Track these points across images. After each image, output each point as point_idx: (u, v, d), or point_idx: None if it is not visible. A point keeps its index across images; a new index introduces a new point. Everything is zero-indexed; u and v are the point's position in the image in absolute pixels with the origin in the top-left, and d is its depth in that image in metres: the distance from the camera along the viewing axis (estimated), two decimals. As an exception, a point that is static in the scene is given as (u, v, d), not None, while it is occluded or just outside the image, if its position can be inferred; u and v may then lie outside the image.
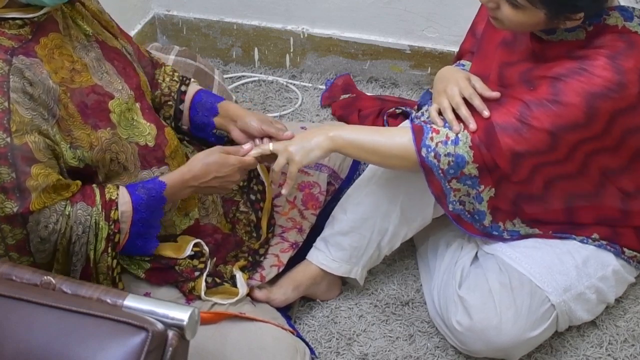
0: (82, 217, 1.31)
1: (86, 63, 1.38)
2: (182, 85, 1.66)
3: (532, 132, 1.42)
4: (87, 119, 1.34)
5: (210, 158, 1.46)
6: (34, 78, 1.25)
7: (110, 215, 1.34)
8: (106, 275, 1.37)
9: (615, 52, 1.38)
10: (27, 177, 1.22)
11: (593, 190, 1.55)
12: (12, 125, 1.20)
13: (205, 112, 1.63)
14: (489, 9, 1.43)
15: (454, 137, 1.46)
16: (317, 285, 1.73)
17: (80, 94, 1.34)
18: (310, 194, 1.76)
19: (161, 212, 1.43)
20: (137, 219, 1.38)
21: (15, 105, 1.21)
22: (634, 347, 1.68)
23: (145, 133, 1.44)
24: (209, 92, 1.70)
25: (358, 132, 1.57)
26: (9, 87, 1.21)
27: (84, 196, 1.32)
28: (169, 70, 1.68)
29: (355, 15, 2.42)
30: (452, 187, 1.51)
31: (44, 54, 1.29)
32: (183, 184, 1.43)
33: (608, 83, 1.37)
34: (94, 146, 1.34)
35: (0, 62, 1.21)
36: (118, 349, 0.90)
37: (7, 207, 1.22)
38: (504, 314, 1.54)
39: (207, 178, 1.45)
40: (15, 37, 1.26)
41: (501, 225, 1.61)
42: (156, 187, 1.39)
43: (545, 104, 1.40)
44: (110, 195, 1.35)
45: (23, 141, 1.22)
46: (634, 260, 1.65)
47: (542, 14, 1.37)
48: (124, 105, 1.41)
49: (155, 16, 2.59)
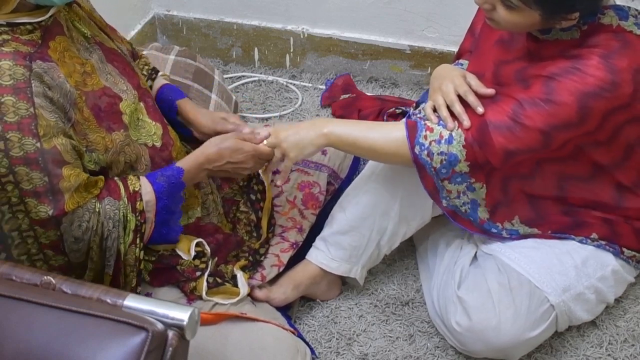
0: (110, 212, 1.32)
1: (93, 64, 1.38)
2: (148, 79, 1.66)
3: (524, 131, 1.42)
4: (101, 122, 1.34)
5: (225, 143, 1.47)
6: (52, 82, 1.25)
7: (136, 206, 1.35)
8: (133, 267, 1.38)
9: (609, 51, 1.38)
10: (59, 179, 1.23)
11: (585, 175, 1.56)
12: (40, 129, 1.20)
13: (167, 109, 1.63)
14: (485, 10, 1.43)
15: (448, 136, 1.47)
16: (317, 284, 1.73)
17: (94, 97, 1.34)
18: (310, 193, 1.76)
19: (181, 197, 1.44)
20: (161, 207, 1.39)
21: (40, 110, 1.21)
22: (634, 347, 1.68)
23: (151, 133, 1.44)
24: (172, 87, 1.68)
25: (352, 128, 1.56)
26: (32, 92, 1.21)
27: (109, 191, 1.33)
28: (142, 62, 1.67)
29: (355, 15, 2.42)
30: (444, 186, 1.52)
31: (57, 58, 1.29)
32: (198, 167, 1.45)
33: (601, 82, 1.37)
34: (109, 149, 1.35)
35: (22, 68, 1.21)
36: (118, 349, 0.90)
37: (42, 211, 1.23)
38: (503, 314, 1.54)
39: (221, 162, 1.46)
40: (29, 42, 1.25)
41: (499, 225, 1.61)
42: (175, 173, 1.41)
43: (538, 103, 1.41)
44: (134, 186, 1.36)
45: (52, 145, 1.22)
46: (633, 260, 1.65)
47: (537, 14, 1.37)
48: (132, 105, 1.41)
49: (155, 16, 2.59)
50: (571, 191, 1.59)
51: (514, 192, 1.58)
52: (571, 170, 1.55)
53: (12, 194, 1.20)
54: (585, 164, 1.54)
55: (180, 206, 1.47)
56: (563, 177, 1.57)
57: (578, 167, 1.55)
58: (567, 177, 1.57)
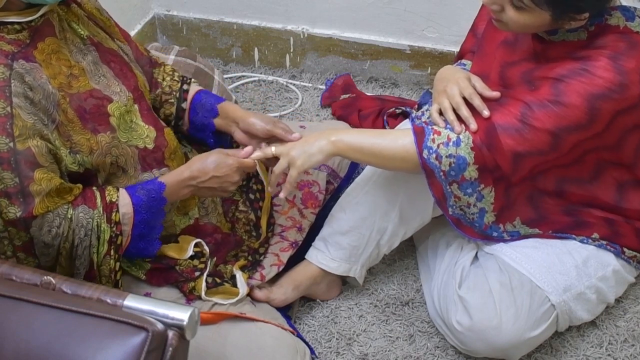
0: (83, 220, 1.31)
1: (84, 67, 1.37)
2: (183, 84, 1.66)
3: (533, 133, 1.42)
4: (86, 124, 1.33)
5: (209, 158, 1.46)
6: (34, 83, 1.24)
7: (112, 217, 1.34)
8: (108, 278, 1.37)
9: (617, 52, 1.38)
10: (30, 181, 1.22)
11: (587, 177, 1.56)
12: (15, 129, 1.20)
13: (205, 114, 1.63)
14: (493, 11, 1.43)
15: (456, 138, 1.46)
16: (317, 285, 1.73)
17: (79, 99, 1.33)
18: (310, 192, 1.76)
19: (162, 212, 1.43)
20: (139, 220, 1.38)
21: (18, 110, 1.21)
22: (634, 347, 1.68)
23: (143, 136, 1.44)
24: (209, 92, 1.69)
25: (359, 136, 1.56)
26: (11, 92, 1.20)
27: (85, 199, 1.32)
28: (169, 69, 1.67)
29: (355, 15, 2.42)
30: (452, 191, 1.51)
31: (42, 59, 1.28)
32: (181, 183, 1.43)
33: (609, 84, 1.37)
34: (94, 151, 1.34)
35: (2, 67, 1.21)
36: (118, 349, 0.89)
37: (11, 212, 1.22)
38: (504, 314, 1.54)
39: (205, 177, 1.44)
40: (15, 41, 1.25)
41: (501, 226, 1.61)
42: (156, 187, 1.39)
43: (546, 104, 1.40)
44: (111, 197, 1.35)
45: (26, 146, 1.21)
46: (634, 260, 1.65)
47: (547, 14, 1.36)
48: (123, 108, 1.40)
49: (155, 16, 2.59)
50: (571, 192, 1.58)
51: (515, 193, 1.57)
52: (573, 173, 1.55)
53: None
54: (587, 167, 1.54)
55: (162, 221, 1.44)
56: (563, 180, 1.56)
57: (581, 170, 1.54)
58: (567, 180, 1.56)
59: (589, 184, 1.57)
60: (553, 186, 1.58)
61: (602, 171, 1.55)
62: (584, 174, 1.55)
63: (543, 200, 1.60)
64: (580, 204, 1.60)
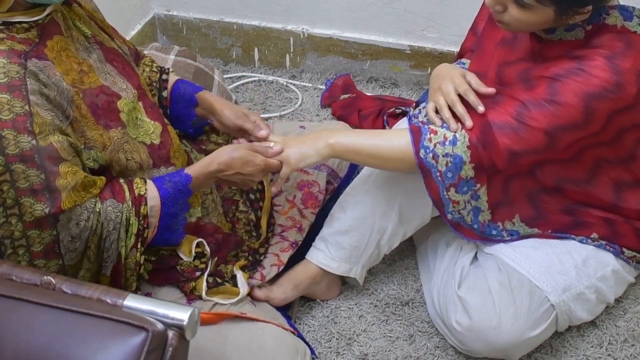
0: (112, 213, 1.31)
1: (91, 64, 1.38)
2: (162, 74, 1.67)
3: (529, 132, 1.42)
4: (99, 120, 1.34)
5: (236, 153, 1.46)
6: (48, 80, 1.24)
7: (140, 210, 1.34)
8: (133, 271, 1.38)
9: (613, 52, 1.38)
10: (56, 176, 1.23)
11: (584, 177, 1.56)
12: (35, 127, 1.20)
13: (185, 103, 1.64)
14: (495, 12, 1.42)
15: (452, 137, 1.47)
16: (317, 284, 1.73)
17: (91, 95, 1.34)
18: (310, 192, 1.76)
19: (187, 204, 1.44)
20: (165, 213, 1.39)
21: (36, 108, 1.21)
22: (634, 347, 1.68)
23: (149, 132, 1.44)
24: (186, 81, 1.70)
25: (357, 137, 1.57)
26: (27, 90, 1.21)
27: (113, 193, 1.33)
28: (148, 60, 1.69)
29: (355, 15, 2.42)
30: (450, 197, 1.52)
31: (54, 57, 1.29)
32: (208, 175, 1.44)
33: (605, 84, 1.37)
34: (106, 146, 1.34)
35: (16, 66, 1.21)
36: (118, 349, 0.89)
37: (37, 209, 1.22)
38: (504, 314, 1.54)
39: (230, 172, 1.45)
40: (25, 40, 1.26)
41: (500, 225, 1.61)
42: (182, 180, 1.40)
43: (542, 104, 1.41)
44: (139, 190, 1.35)
45: (48, 142, 1.22)
46: (633, 261, 1.65)
47: (551, 10, 1.36)
48: (131, 104, 1.41)
49: (155, 16, 2.59)
50: (569, 190, 1.59)
51: (514, 191, 1.58)
52: (570, 173, 1.55)
53: (7, 195, 1.20)
54: (585, 167, 1.54)
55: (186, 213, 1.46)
56: (562, 179, 1.57)
57: (578, 169, 1.54)
58: (565, 179, 1.57)
59: (586, 183, 1.57)
60: (552, 183, 1.58)
61: (599, 170, 1.55)
62: (581, 173, 1.56)
63: (542, 199, 1.60)
64: (579, 203, 1.61)
